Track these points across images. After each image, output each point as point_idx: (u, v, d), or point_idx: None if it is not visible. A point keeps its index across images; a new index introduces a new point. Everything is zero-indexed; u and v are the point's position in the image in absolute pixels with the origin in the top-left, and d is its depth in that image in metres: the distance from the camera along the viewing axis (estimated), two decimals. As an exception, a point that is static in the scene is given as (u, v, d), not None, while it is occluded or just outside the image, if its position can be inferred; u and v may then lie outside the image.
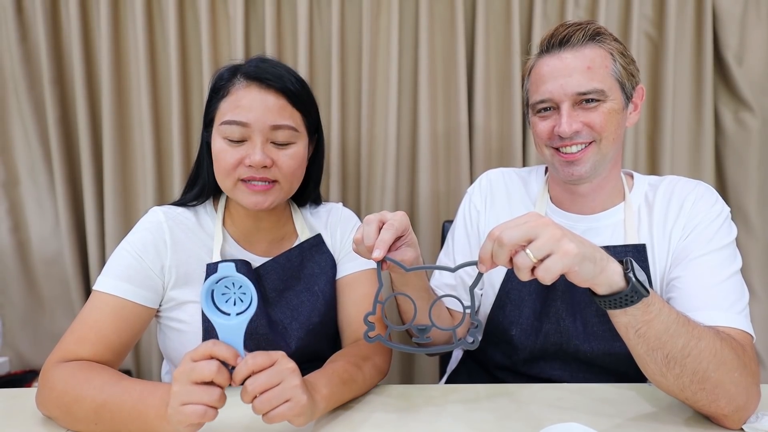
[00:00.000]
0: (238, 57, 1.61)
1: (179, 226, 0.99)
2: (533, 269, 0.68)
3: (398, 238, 0.82)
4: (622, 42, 0.99)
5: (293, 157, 0.95)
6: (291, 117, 0.95)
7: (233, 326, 0.69)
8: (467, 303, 0.80)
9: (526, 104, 1.06)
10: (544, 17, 1.64)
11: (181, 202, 1.03)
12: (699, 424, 0.79)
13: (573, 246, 0.66)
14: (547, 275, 0.66)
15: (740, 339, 0.81)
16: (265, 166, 0.92)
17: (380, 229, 0.78)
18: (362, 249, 0.80)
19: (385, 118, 1.66)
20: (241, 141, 0.92)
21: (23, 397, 0.92)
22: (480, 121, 1.66)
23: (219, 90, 0.95)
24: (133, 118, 1.69)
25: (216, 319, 0.69)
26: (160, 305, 0.96)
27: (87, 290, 1.74)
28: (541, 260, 0.67)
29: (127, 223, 1.70)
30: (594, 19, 1.61)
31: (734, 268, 0.91)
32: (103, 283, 0.91)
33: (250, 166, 0.91)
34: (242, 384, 0.69)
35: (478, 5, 1.62)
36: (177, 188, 1.66)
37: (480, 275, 0.74)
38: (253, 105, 0.91)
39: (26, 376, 1.71)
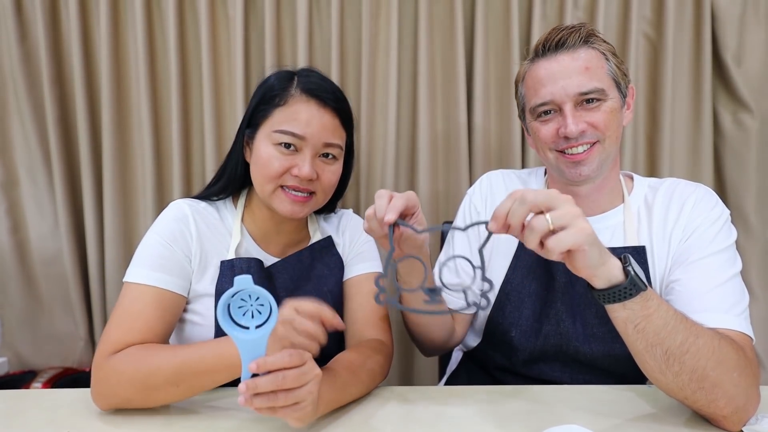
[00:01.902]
0: (238, 58, 1.61)
1: (203, 218, 1.01)
2: (542, 243, 0.68)
3: (409, 217, 0.83)
4: (619, 44, 1.00)
5: (335, 174, 1.01)
6: (341, 137, 1.01)
7: (254, 340, 0.67)
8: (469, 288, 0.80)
9: (522, 110, 1.06)
10: (543, 18, 1.64)
11: (205, 196, 1.05)
12: (698, 425, 0.80)
13: (588, 226, 0.68)
14: (557, 246, 0.67)
15: (740, 341, 0.81)
16: (311, 179, 0.95)
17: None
18: (374, 223, 0.80)
19: (384, 119, 1.66)
20: (291, 149, 0.95)
21: (23, 398, 0.92)
22: (479, 122, 1.66)
23: (274, 97, 0.97)
24: (133, 118, 1.69)
25: (235, 334, 0.67)
26: (188, 294, 0.98)
27: (86, 290, 1.74)
28: (553, 231, 0.67)
29: (126, 223, 1.70)
30: (593, 21, 1.62)
31: (734, 270, 0.91)
32: (138, 274, 0.91)
33: (296, 176, 0.95)
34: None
35: (478, 6, 1.62)
36: (176, 188, 1.66)
37: (489, 236, 0.74)
38: (311, 121, 0.95)
39: (25, 376, 1.71)
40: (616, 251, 0.98)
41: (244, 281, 0.65)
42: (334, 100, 0.99)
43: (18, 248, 1.73)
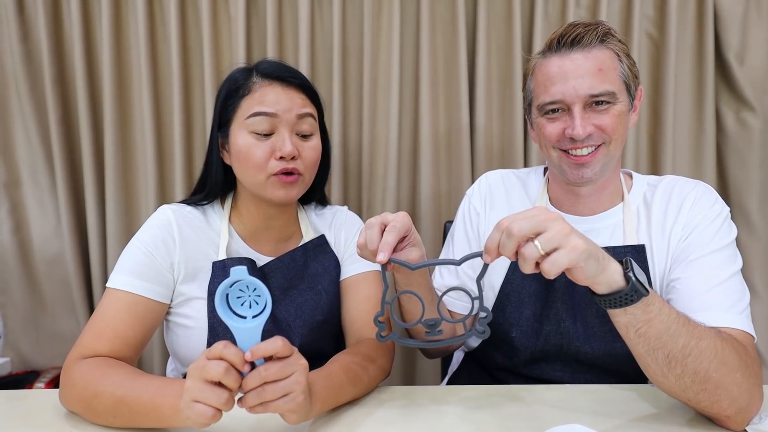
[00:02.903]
0: (240, 57, 1.61)
1: (187, 223, 1.01)
2: (537, 263, 0.68)
3: (402, 239, 0.82)
4: (626, 42, 0.99)
5: (315, 149, 1.01)
6: (312, 108, 1.02)
7: (249, 329, 0.69)
8: (469, 305, 0.80)
9: (528, 104, 1.05)
10: (546, 17, 1.64)
11: (191, 202, 1.05)
12: (701, 425, 0.79)
13: (581, 242, 0.67)
14: (552, 268, 0.67)
15: (741, 340, 0.80)
16: (294, 157, 0.96)
17: (383, 231, 0.78)
18: (366, 253, 0.80)
19: (386, 119, 1.66)
20: (267, 134, 0.96)
21: (26, 398, 0.92)
22: (481, 121, 1.66)
23: (238, 89, 0.99)
24: (135, 118, 1.69)
25: (231, 323, 0.69)
26: (171, 300, 0.98)
27: (89, 290, 1.74)
28: (547, 254, 0.67)
29: (128, 223, 1.70)
30: (595, 19, 1.61)
31: (734, 268, 0.90)
32: (117, 280, 0.93)
33: (281, 158, 0.95)
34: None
35: (480, 5, 1.62)
36: (178, 188, 1.67)
37: (486, 266, 0.74)
38: (279, 98, 0.97)
39: (28, 376, 1.71)
40: (615, 250, 0.98)
41: (239, 272, 0.67)
42: (296, 77, 1.00)
43: (20, 248, 1.73)
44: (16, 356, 1.77)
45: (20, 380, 1.70)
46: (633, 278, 0.70)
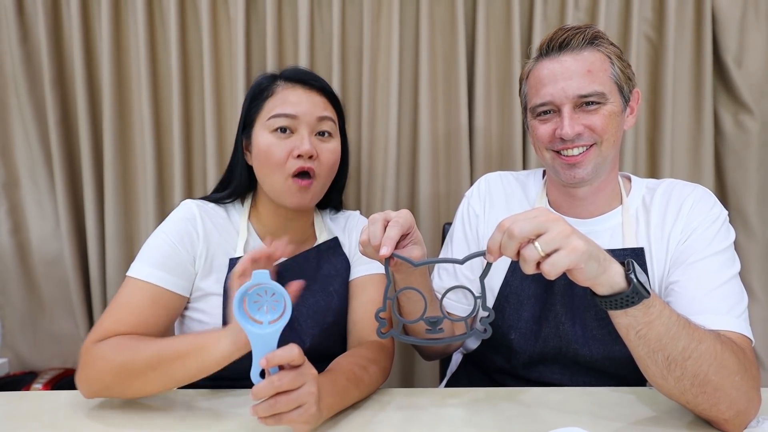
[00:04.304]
0: (240, 59, 1.61)
1: (211, 218, 1.03)
2: (538, 263, 0.68)
3: (404, 237, 0.82)
4: (620, 45, 0.99)
5: (333, 152, 1.04)
6: (332, 112, 1.05)
7: (266, 335, 0.68)
8: (467, 308, 0.80)
9: (524, 108, 1.06)
10: (545, 19, 1.65)
11: (213, 199, 1.07)
12: (700, 428, 0.79)
13: (581, 243, 0.67)
14: (552, 270, 0.67)
15: (740, 343, 0.81)
16: (311, 156, 0.98)
17: (386, 227, 0.78)
18: (369, 250, 0.79)
19: (385, 120, 1.66)
20: (287, 134, 0.99)
21: (24, 400, 0.92)
22: (480, 123, 1.66)
23: (263, 92, 1.02)
24: (134, 119, 1.69)
25: (248, 328, 0.68)
26: (190, 294, 0.99)
27: (87, 292, 1.74)
28: (548, 255, 0.67)
29: (127, 225, 1.70)
30: (594, 22, 1.61)
31: (733, 271, 0.91)
32: (141, 270, 0.93)
33: (299, 156, 0.97)
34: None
35: (479, 7, 1.62)
36: (177, 190, 1.66)
37: (489, 265, 0.75)
38: (300, 100, 1.01)
39: (26, 377, 1.71)
40: (614, 253, 0.97)
41: (261, 276, 0.66)
42: (318, 81, 1.04)
43: (19, 249, 1.73)
44: (14, 357, 1.77)
45: (18, 381, 1.69)
46: (634, 280, 0.70)
